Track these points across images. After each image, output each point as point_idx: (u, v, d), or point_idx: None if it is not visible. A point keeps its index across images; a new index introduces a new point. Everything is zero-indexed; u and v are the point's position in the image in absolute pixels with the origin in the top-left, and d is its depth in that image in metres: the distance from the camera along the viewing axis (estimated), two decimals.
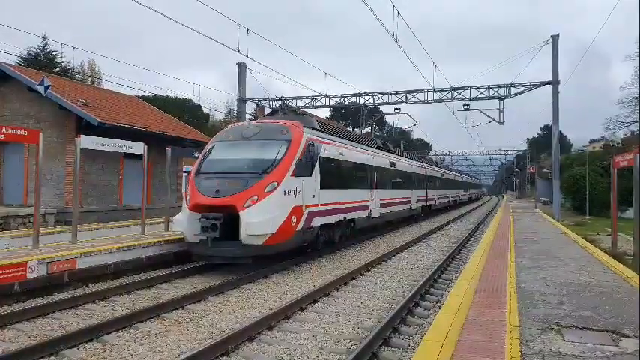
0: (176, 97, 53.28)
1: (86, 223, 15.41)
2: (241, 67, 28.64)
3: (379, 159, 19.05)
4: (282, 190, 10.58)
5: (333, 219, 13.34)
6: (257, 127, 12.23)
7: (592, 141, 68.66)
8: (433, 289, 9.37)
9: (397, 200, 21.04)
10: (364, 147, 18.08)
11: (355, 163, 15.84)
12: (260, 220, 10.00)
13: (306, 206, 11.52)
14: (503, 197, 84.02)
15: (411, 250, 15.03)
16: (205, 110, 62.24)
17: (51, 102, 17.04)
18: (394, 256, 13.70)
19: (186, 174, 28.09)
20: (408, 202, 23.28)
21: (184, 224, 10.75)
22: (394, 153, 24.01)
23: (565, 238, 14.67)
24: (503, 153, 76.11)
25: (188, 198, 10.96)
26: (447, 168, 51.87)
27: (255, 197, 10.19)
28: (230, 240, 10.20)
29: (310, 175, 11.88)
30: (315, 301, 8.15)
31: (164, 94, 50.95)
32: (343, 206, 14.12)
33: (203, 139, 24.49)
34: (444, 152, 75.39)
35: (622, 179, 13.68)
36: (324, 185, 12.57)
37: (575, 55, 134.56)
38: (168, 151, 14.04)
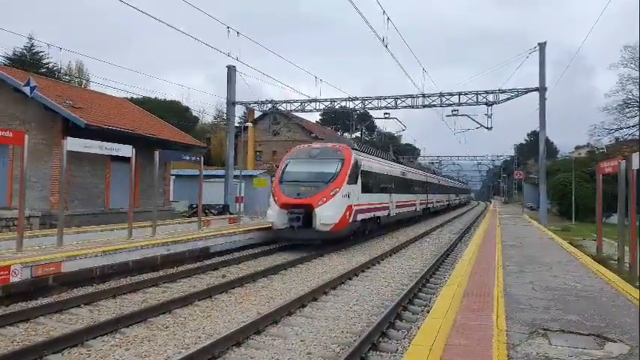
0: (165, 100, 53.03)
1: (72, 227, 15.20)
2: (231, 71, 28.56)
3: (395, 170, 23.86)
4: (341, 194, 15.06)
5: (368, 215, 17.65)
6: (319, 149, 17.00)
7: (578, 147, 69.57)
8: (429, 284, 9.43)
9: (407, 203, 25.36)
10: (384, 160, 23.22)
11: (380, 173, 20.19)
12: (328, 214, 14.58)
13: (354, 205, 15.75)
14: (491, 202, 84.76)
15: (406, 249, 15.87)
16: (194, 113, 62.00)
17: (37, 103, 16.83)
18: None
19: (174, 177, 28.02)
20: (414, 204, 27.49)
21: (275, 217, 15.17)
22: (402, 164, 29.02)
23: (551, 242, 14.83)
24: (490, 158, 76.88)
25: (276, 199, 15.30)
26: (441, 175, 55.93)
27: (325, 199, 14.72)
28: (307, 228, 14.59)
29: (356, 183, 16.19)
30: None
31: (153, 97, 50.67)
32: (372, 206, 18.27)
33: (191, 142, 24.41)
34: (433, 157, 75.92)
35: (607, 185, 13.87)
36: (363, 191, 16.86)
37: (562, 63, 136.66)
38: (157, 154, 13.94)
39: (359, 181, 16.52)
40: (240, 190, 20.72)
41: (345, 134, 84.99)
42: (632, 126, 47.38)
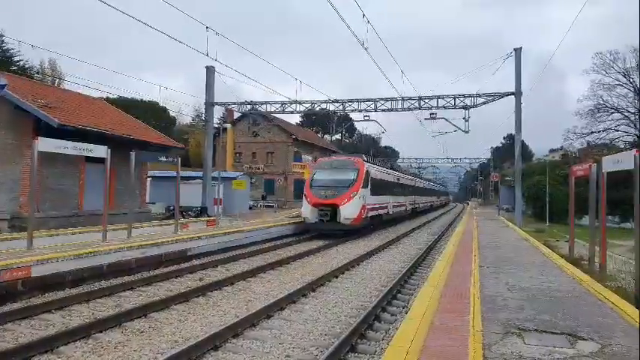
0: (142, 100, 52.16)
1: (43, 229, 14.80)
2: (210, 71, 28.29)
3: (392, 176, 28.60)
4: (358, 196, 19.76)
5: (374, 213, 22.18)
6: (339, 161, 22.65)
7: (552, 150, 71.17)
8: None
9: (400, 203, 30.17)
10: (384, 168, 28.34)
11: (382, 179, 24.91)
12: (350, 211, 19.33)
13: (366, 205, 20.38)
14: (468, 204, 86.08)
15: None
16: (172, 114, 61.17)
17: (7, 102, 16.35)
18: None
19: (150, 179, 27.56)
20: (405, 205, 32.24)
21: (308, 213, 19.93)
22: (397, 171, 34.04)
23: (526, 244, 15.11)
24: (468, 161, 78.01)
25: (308, 200, 20.02)
26: (426, 179, 61.86)
27: (346, 199, 19.44)
28: (333, 221, 19.30)
29: (367, 188, 20.73)
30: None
31: (129, 97, 49.81)
32: (378, 206, 22.92)
33: (169, 143, 24.05)
34: (412, 160, 76.65)
35: (579, 188, 14.20)
36: (371, 194, 21.38)
37: (536, 68, 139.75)
38: (133, 155, 13.69)
39: (369, 185, 21.07)
40: (219, 192, 20.51)
41: (326, 136, 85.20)
42: (603, 130, 48.80)
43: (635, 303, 6.89)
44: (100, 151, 12.22)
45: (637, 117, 47.55)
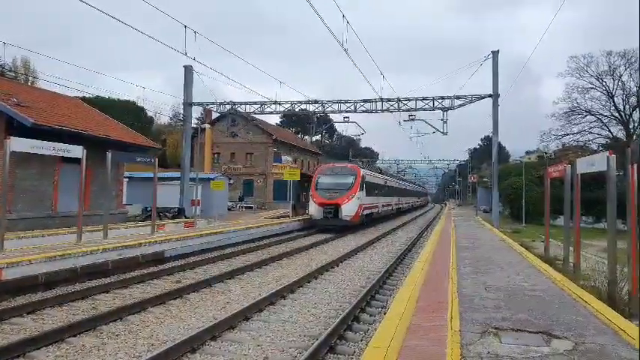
0: (119, 100, 51.22)
1: (16, 231, 14.39)
2: (188, 71, 28.00)
3: (381, 180, 32.45)
4: (356, 197, 23.31)
5: (368, 212, 25.86)
6: (339, 168, 25.88)
7: (528, 152, 72.57)
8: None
9: (388, 204, 34.29)
10: (376, 173, 31.91)
11: (375, 183, 28.66)
12: (349, 209, 22.82)
13: (362, 204, 24.04)
14: (446, 205, 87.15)
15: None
16: (150, 114, 60.22)
17: None
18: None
19: (127, 179, 27.09)
20: (391, 205, 36.08)
21: (314, 211, 23.50)
22: (385, 175, 37.26)
23: (503, 244, 15.35)
24: (446, 162, 79.01)
25: (315, 200, 23.51)
26: (409, 182, 65.07)
27: (347, 200, 22.90)
28: (335, 218, 22.70)
29: (363, 190, 24.34)
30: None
31: (106, 96, 48.83)
32: (370, 206, 26.63)
33: (146, 143, 23.67)
34: (391, 161, 77.30)
35: (555, 189, 14.50)
36: (366, 195, 25.00)
37: (514, 70, 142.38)
38: (109, 155, 13.43)
39: (364, 188, 24.58)
40: (197, 193, 20.29)
41: (306, 137, 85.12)
42: (577, 132, 49.97)
43: (607, 302, 7.07)
44: (76, 151, 11.96)
45: (609, 120, 48.90)
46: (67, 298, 8.55)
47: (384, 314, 6.84)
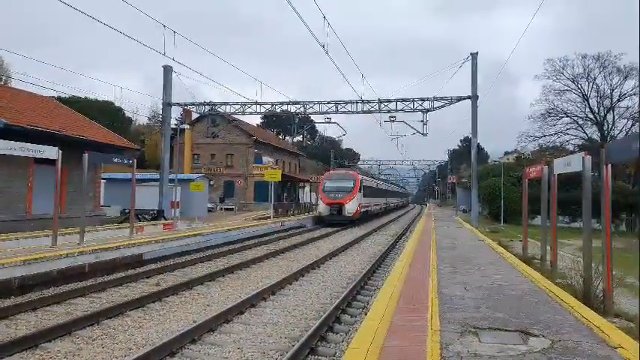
0: (96, 100, 50.32)
1: None
2: (167, 70, 27.64)
3: (372, 182, 38.22)
4: (356, 198, 28.71)
5: (364, 210, 31.02)
6: (342, 174, 31.79)
7: (507, 153, 73.80)
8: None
9: (378, 204, 40.12)
10: (370, 178, 39.00)
11: (369, 186, 34.27)
12: (351, 207, 28.37)
13: (360, 204, 29.37)
14: (427, 205, 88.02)
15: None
16: (128, 114, 59.34)
17: None
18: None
19: (104, 181, 26.61)
20: (381, 205, 41.75)
21: (323, 210, 29.06)
22: (376, 179, 45.33)
23: (482, 244, 15.55)
24: (426, 163, 79.75)
25: (323, 200, 29.04)
26: (394, 184, 71.61)
27: (349, 200, 28.42)
28: (340, 215, 28.11)
29: (361, 192, 29.71)
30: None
31: (82, 96, 47.91)
32: (366, 205, 32.04)
33: (124, 144, 23.30)
34: (372, 162, 77.71)
35: (532, 189, 14.74)
36: (363, 196, 30.28)
37: (492, 71, 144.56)
38: (85, 156, 13.15)
39: (362, 190, 29.97)
40: (176, 195, 20.04)
41: (287, 138, 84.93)
42: (554, 134, 51.00)
43: (582, 299, 7.21)
44: (51, 152, 11.68)
45: (585, 121, 50.03)
46: (42, 302, 8.32)
47: (365, 314, 6.84)
